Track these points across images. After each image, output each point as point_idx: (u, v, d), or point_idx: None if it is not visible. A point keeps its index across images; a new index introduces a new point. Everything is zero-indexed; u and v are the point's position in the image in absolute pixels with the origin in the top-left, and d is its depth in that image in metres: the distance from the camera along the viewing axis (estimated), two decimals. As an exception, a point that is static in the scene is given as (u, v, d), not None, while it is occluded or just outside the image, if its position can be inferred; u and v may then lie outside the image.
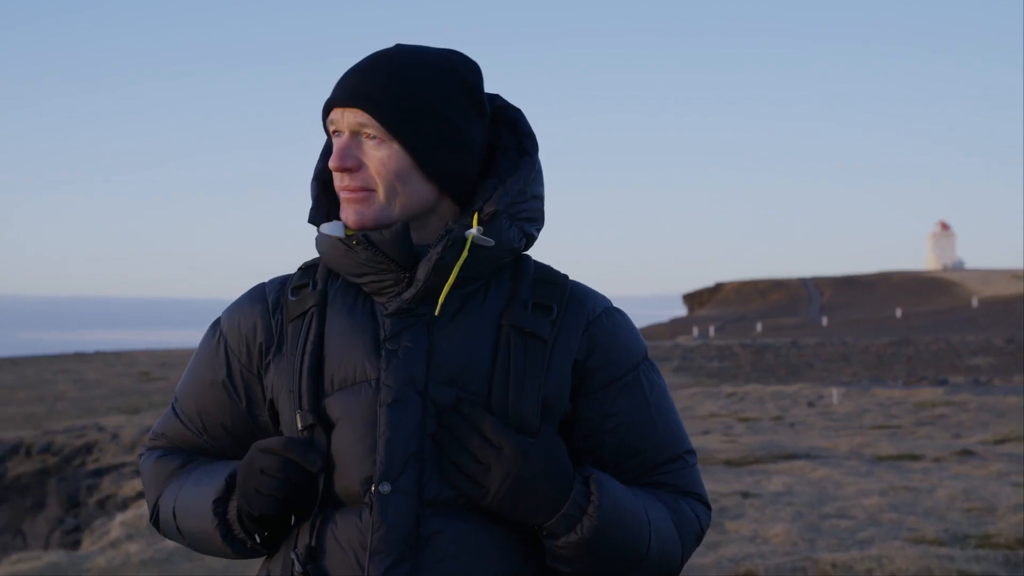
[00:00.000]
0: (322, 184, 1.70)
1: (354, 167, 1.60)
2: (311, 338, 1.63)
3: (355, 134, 1.61)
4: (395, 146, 1.59)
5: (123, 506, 13.97)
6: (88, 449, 21.08)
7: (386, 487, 1.55)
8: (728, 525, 7.64)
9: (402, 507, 1.55)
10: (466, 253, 1.58)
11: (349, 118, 1.60)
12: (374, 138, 1.60)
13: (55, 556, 8.33)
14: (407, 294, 1.59)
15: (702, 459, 11.11)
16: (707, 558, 6.55)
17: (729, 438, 13.99)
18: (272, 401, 1.67)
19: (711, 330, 55.26)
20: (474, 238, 1.58)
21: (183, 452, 1.78)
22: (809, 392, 21.77)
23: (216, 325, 1.75)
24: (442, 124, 1.60)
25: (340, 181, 1.62)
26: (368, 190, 1.61)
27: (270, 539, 1.65)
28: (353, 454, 1.58)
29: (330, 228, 1.64)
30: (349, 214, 1.62)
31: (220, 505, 1.64)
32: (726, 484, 9.40)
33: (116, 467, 18.22)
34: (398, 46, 1.65)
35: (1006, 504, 8.04)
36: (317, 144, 1.73)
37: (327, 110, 1.64)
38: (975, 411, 16.77)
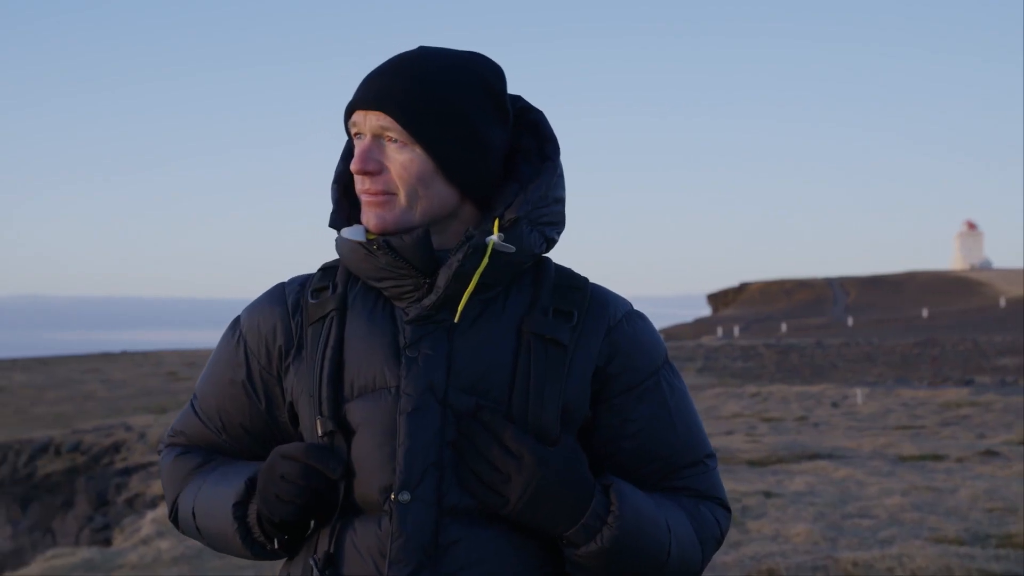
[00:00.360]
0: (342, 187, 1.68)
1: (375, 170, 1.58)
2: (331, 343, 1.61)
3: (377, 137, 1.59)
4: (417, 150, 1.57)
5: (151, 504, 14.11)
6: (116, 448, 21.29)
7: (405, 496, 1.54)
8: (750, 524, 7.67)
9: (421, 516, 1.54)
10: (487, 260, 1.56)
11: (371, 121, 1.58)
12: (396, 141, 1.58)
13: (89, 553, 8.48)
14: (427, 301, 1.58)
15: (725, 459, 11.13)
16: (729, 556, 6.58)
17: (752, 438, 13.97)
18: (292, 404, 1.66)
19: (735, 330, 55.10)
20: (495, 245, 1.57)
21: (202, 450, 1.77)
22: (833, 392, 21.66)
23: (236, 324, 1.73)
24: (465, 128, 1.58)
25: (361, 184, 1.61)
26: (389, 194, 1.59)
27: (289, 543, 1.64)
28: (372, 461, 1.57)
29: (351, 232, 1.62)
30: (370, 218, 1.60)
31: (240, 509, 1.63)
32: (749, 484, 9.43)
33: (144, 466, 18.37)
34: (421, 48, 1.63)
35: (1029, 505, 8.05)
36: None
37: (349, 112, 1.62)
38: (1000, 412, 16.69)
